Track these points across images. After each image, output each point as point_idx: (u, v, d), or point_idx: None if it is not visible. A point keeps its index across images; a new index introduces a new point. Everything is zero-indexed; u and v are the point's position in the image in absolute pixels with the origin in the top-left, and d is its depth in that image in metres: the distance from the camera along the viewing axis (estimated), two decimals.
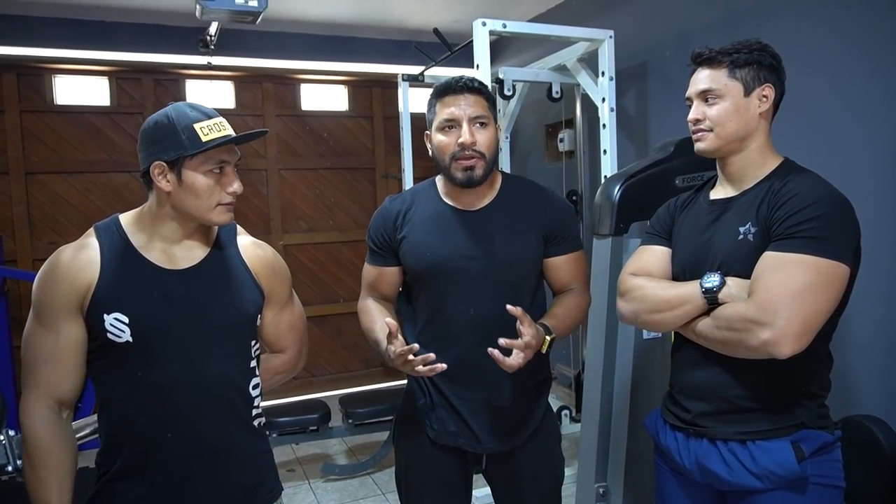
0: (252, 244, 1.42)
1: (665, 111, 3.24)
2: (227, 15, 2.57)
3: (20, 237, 4.03)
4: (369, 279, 1.69)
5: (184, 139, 1.22)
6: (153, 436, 1.25)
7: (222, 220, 1.29)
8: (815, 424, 1.33)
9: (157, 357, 1.24)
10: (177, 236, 1.30)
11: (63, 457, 1.23)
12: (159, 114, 1.27)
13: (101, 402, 1.30)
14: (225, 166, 1.27)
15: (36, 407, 1.23)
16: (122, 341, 1.22)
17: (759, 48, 1.37)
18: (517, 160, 4.39)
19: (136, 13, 3.82)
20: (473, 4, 3.88)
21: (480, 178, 1.53)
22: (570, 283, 1.64)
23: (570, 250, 1.63)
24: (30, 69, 4.04)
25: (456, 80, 1.55)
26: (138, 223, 1.30)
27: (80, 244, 1.27)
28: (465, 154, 1.51)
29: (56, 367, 1.23)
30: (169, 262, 1.29)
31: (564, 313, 1.57)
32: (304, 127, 4.80)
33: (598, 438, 2.23)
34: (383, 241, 1.64)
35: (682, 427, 1.44)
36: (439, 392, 1.60)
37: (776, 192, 1.31)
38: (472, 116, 1.52)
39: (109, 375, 1.26)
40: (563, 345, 4.06)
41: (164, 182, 1.24)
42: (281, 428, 3.29)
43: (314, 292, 4.83)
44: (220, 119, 1.27)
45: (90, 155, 4.21)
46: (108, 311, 1.21)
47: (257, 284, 1.38)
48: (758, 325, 1.21)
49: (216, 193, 1.26)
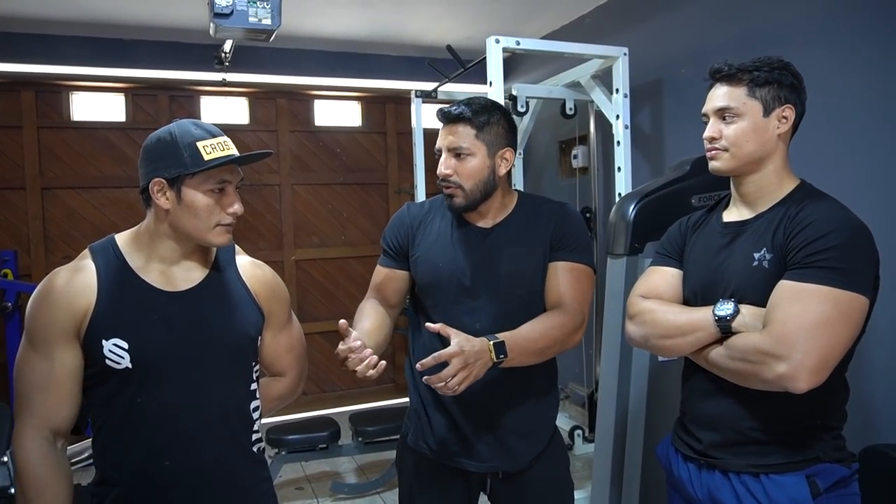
0: (251, 264, 1.40)
1: (681, 129, 3.21)
2: (242, 33, 2.58)
3: (35, 252, 4.08)
4: (377, 280, 1.67)
5: (185, 157, 1.19)
6: (151, 464, 1.22)
7: (220, 241, 1.26)
8: (830, 458, 1.29)
9: (158, 383, 1.21)
10: (175, 256, 1.27)
11: (59, 490, 1.20)
12: (162, 130, 1.24)
13: (97, 429, 1.26)
14: (226, 186, 1.24)
15: (31, 438, 1.19)
16: (122, 367, 1.18)
17: (781, 66, 1.33)
18: (530, 176, 4.38)
19: (152, 31, 3.87)
20: (487, 22, 3.88)
21: (461, 207, 1.54)
22: (563, 297, 1.51)
23: (571, 259, 1.55)
24: (48, 86, 4.10)
25: (443, 109, 1.56)
26: (135, 243, 1.27)
27: (75, 267, 1.23)
28: (444, 185, 1.55)
29: (51, 395, 1.19)
30: (168, 283, 1.26)
31: (529, 328, 1.44)
32: (318, 142, 4.82)
33: (612, 462, 2.18)
34: (397, 244, 1.64)
35: (693, 458, 1.40)
36: (442, 410, 1.58)
37: (792, 218, 1.27)
38: (449, 147, 1.53)
39: (107, 402, 1.22)
40: (576, 363, 4.02)
41: (162, 199, 1.21)
42: (290, 446, 3.27)
43: (325, 307, 4.82)
44: (224, 138, 1.25)
45: (105, 170, 4.26)
46: (106, 336, 1.18)
47: (257, 305, 1.36)
48: (773, 357, 1.17)
49: (216, 213, 1.23)
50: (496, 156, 1.54)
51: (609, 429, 2.19)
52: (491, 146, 1.53)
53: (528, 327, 1.45)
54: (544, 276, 1.56)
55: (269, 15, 2.49)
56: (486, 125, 1.53)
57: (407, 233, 1.63)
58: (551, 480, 1.64)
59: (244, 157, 1.25)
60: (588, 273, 1.57)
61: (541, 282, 1.56)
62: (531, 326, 1.46)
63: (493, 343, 1.36)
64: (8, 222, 4.06)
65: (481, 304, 1.54)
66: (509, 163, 1.57)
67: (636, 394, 2.16)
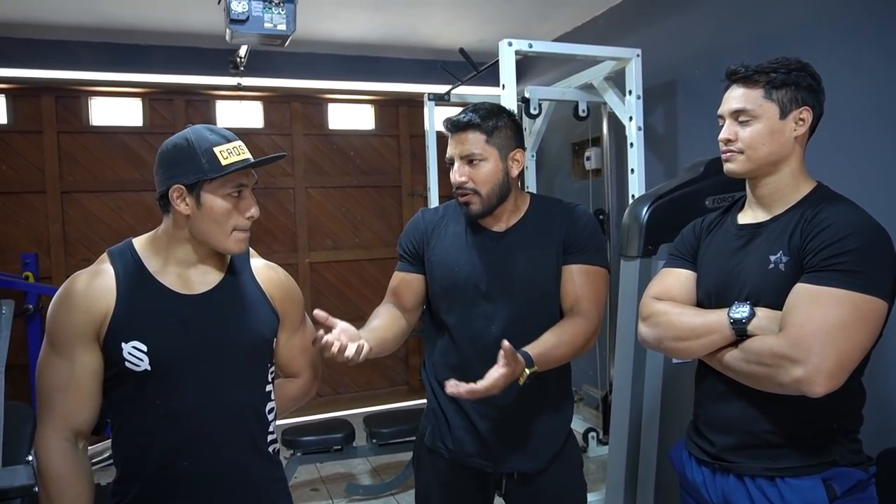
0: (265, 266, 1.42)
1: (694, 130, 3.19)
2: (257, 38, 2.61)
3: (55, 254, 4.14)
4: (393, 284, 1.69)
5: (203, 163, 1.21)
6: (169, 464, 1.24)
7: (237, 248, 1.28)
8: (847, 461, 1.28)
9: (176, 384, 1.23)
10: (192, 260, 1.29)
11: (81, 489, 1.22)
12: (178, 136, 1.25)
13: (116, 430, 1.28)
14: (243, 190, 1.26)
15: (53, 438, 1.21)
16: (141, 370, 1.20)
17: (798, 68, 1.31)
18: (543, 178, 4.37)
19: (168, 36, 3.92)
20: (499, 24, 3.89)
21: (478, 213, 1.56)
22: (580, 301, 1.54)
23: (586, 262, 1.56)
24: (68, 91, 4.16)
25: (450, 119, 1.58)
26: (153, 247, 1.29)
27: (94, 270, 1.25)
28: (459, 192, 1.56)
29: (72, 396, 1.21)
30: (185, 286, 1.28)
31: (555, 343, 1.46)
32: (332, 146, 4.85)
33: (626, 464, 2.18)
34: (412, 248, 1.66)
35: (707, 462, 1.39)
36: (459, 412, 1.59)
37: (809, 221, 1.26)
38: (461, 155, 1.55)
39: (126, 404, 1.25)
40: (589, 365, 4.00)
41: (182, 206, 1.23)
42: (305, 447, 3.29)
43: (339, 310, 4.83)
44: (239, 143, 1.26)
45: (123, 174, 4.31)
46: (125, 339, 1.20)
47: (272, 307, 1.37)
48: (790, 361, 1.16)
49: (234, 217, 1.25)
50: (508, 158, 1.57)
51: (623, 431, 2.18)
52: (502, 149, 1.56)
53: (551, 339, 1.46)
54: (558, 277, 1.57)
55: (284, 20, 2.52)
56: (494, 129, 1.55)
57: (422, 237, 1.65)
58: (565, 482, 1.65)
59: (261, 161, 1.27)
60: (603, 274, 1.59)
61: (555, 284, 1.57)
62: (554, 338, 1.47)
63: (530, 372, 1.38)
64: (29, 225, 4.13)
65: (496, 307, 1.55)
66: (521, 164, 1.59)
67: (650, 396, 2.15)
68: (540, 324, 1.52)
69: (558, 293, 1.59)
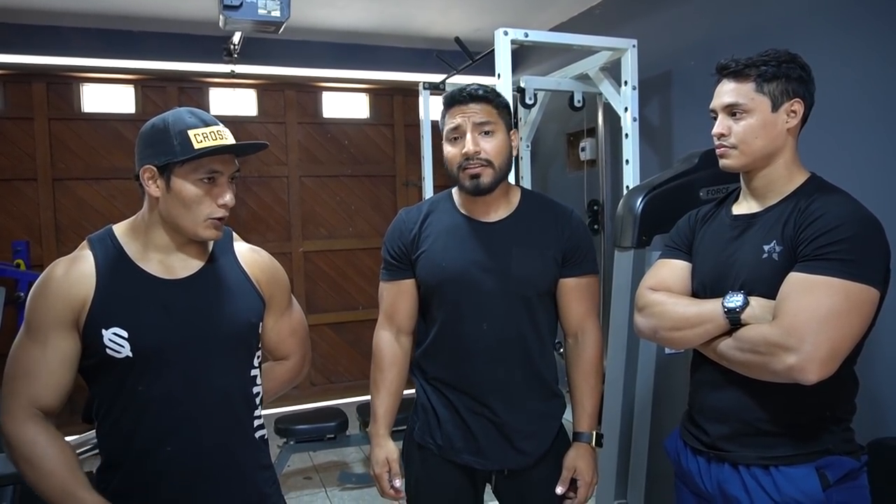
0: (249, 250, 1.39)
1: (689, 121, 3.19)
2: (250, 25, 2.59)
3: (47, 242, 4.11)
4: (386, 302, 1.64)
5: (175, 144, 1.18)
6: (152, 451, 1.21)
7: (208, 235, 1.25)
8: (840, 450, 1.29)
9: (159, 371, 1.20)
10: (171, 245, 1.26)
11: (62, 446, 1.18)
12: (158, 118, 1.23)
13: (100, 417, 1.25)
14: (217, 177, 1.22)
15: (19, 418, 1.17)
16: (122, 356, 1.18)
17: (788, 60, 1.32)
18: (538, 169, 4.37)
19: (162, 23, 3.88)
20: (495, 13, 3.87)
21: (489, 186, 1.51)
22: (584, 320, 1.59)
23: (585, 273, 1.58)
24: (59, 78, 4.12)
25: (461, 89, 1.54)
26: (132, 232, 1.27)
27: (73, 257, 1.22)
28: (470, 164, 1.49)
29: (36, 380, 1.18)
30: (166, 271, 1.25)
31: (592, 395, 1.61)
32: (326, 134, 4.83)
33: (618, 454, 2.19)
34: (400, 252, 1.61)
35: (702, 451, 1.40)
36: (450, 408, 1.58)
37: (802, 211, 1.27)
38: (476, 123, 1.50)
39: (109, 390, 1.22)
40: None
41: (153, 187, 1.21)
42: (298, 436, 3.29)
43: (333, 299, 4.84)
44: (219, 127, 1.23)
45: (115, 161, 4.28)
46: (106, 325, 1.18)
47: (258, 291, 1.35)
48: (783, 349, 1.17)
49: (206, 204, 1.21)
50: (511, 135, 1.57)
51: (615, 422, 2.19)
52: (507, 126, 1.56)
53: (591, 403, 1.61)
54: (554, 281, 1.57)
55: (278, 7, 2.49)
56: (501, 106, 1.55)
57: (409, 237, 1.60)
58: (556, 476, 1.64)
59: (234, 146, 1.23)
60: (597, 280, 1.64)
61: (549, 286, 1.57)
62: (592, 394, 1.61)
63: (598, 436, 1.59)
64: (20, 213, 4.09)
65: (489, 302, 1.53)
66: (516, 146, 1.60)
67: (642, 387, 2.16)
68: (534, 325, 1.53)
69: (550, 297, 1.59)
